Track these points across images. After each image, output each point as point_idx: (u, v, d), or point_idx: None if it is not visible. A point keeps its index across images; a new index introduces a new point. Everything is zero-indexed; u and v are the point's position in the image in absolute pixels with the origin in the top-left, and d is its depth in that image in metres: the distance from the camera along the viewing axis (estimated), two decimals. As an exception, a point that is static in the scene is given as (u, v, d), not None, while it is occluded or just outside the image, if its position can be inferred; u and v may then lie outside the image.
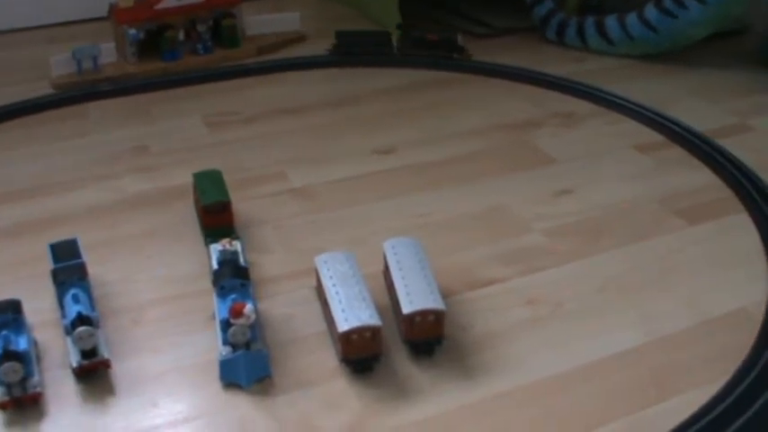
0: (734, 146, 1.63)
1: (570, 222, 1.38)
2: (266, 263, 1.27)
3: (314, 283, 1.18)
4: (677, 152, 1.63)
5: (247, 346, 1.04)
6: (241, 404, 1.01)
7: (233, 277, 1.12)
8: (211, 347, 1.08)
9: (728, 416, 1.00)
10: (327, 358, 1.08)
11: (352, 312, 1.03)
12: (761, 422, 0.99)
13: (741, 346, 1.11)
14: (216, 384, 1.04)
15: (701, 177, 1.54)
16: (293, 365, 1.07)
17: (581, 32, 2.13)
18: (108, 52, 1.98)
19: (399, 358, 1.08)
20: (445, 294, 1.15)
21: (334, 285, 1.08)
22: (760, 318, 1.17)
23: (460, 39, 2.03)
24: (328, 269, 1.11)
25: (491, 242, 1.32)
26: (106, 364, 1.05)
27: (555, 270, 1.26)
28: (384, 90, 1.91)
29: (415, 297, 1.06)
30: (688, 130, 1.70)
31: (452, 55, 2.01)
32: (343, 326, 1.01)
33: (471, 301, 1.18)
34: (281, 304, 1.18)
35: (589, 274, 1.25)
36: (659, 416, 1.00)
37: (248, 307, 1.02)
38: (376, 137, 1.67)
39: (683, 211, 1.42)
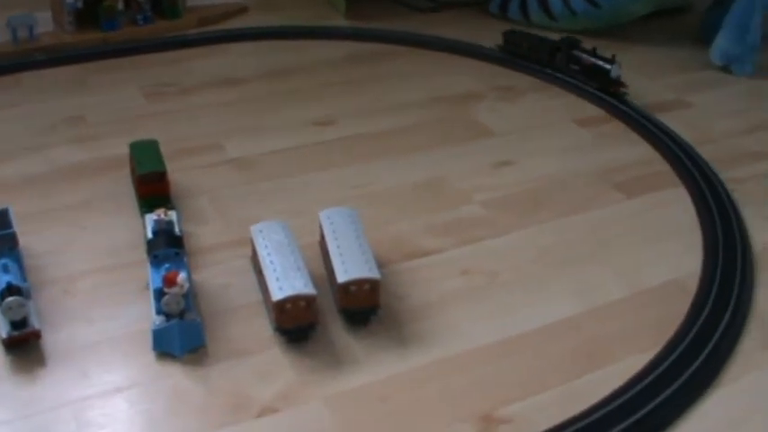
0: (673, 121, 1.65)
1: (508, 194, 1.38)
2: (202, 233, 1.26)
3: (250, 252, 1.17)
4: (616, 126, 1.64)
5: (181, 315, 1.03)
6: (174, 374, 1.00)
7: (167, 246, 1.11)
8: (145, 317, 1.06)
9: (660, 384, 1.00)
10: (262, 328, 1.07)
11: (287, 281, 1.02)
12: (691, 390, 1.00)
13: (675, 316, 1.12)
14: (149, 354, 1.03)
15: (640, 151, 1.55)
16: (228, 335, 1.06)
17: (523, 7, 2.13)
18: (44, 21, 1.94)
19: (335, 328, 1.07)
20: (382, 264, 1.15)
21: (269, 254, 1.07)
22: (693, 289, 1.18)
23: (617, 69, 1.72)
24: (263, 238, 1.10)
25: (429, 213, 1.32)
26: (36, 335, 1.03)
27: (492, 241, 1.26)
28: (324, 62, 1.90)
29: (350, 266, 1.05)
30: (627, 104, 1.71)
31: (608, 89, 1.73)
32: (277, 295, 1.01)
33: (407, 271, 1.18)
34: (216, 274, 1.17)
35: (526, 245, 1.25)
36: (593, 384, 1.00)
37: (182, 276, 1.01)
38: (315, 108, 1.66)
39: (620, 185, 1.43)
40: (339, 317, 1.09)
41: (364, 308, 1.06)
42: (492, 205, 1.35)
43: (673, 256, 1.25)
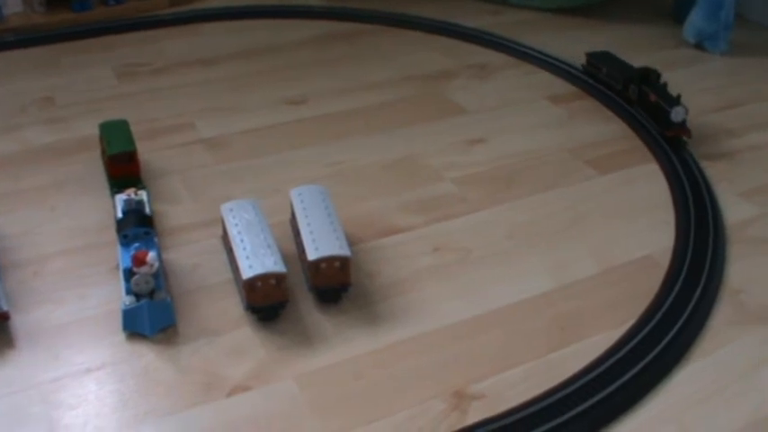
0: (645, 97, 1.64)
1: (481, 171, 1.38)
2: (174, 213, 1.25)
3: (221, 232, 1.17)
4: (590, 103, 1.64)
5: (151, 295, 1.02)
6: (145, 353, 0.99)
7: (137, 226, 1.10)
8: (115, 298, 1.06)
9: (632, 359, 1.01)
10: (233, 307, 1.06)
11: (257, 260, 1.01)
12: (662, 365, 1.01)
13: (647, 292, 1.12)
14: (119, 334, 1.02)
15: (613, 128, 1.55)
16: (198, 314, 1.05)
17: (499, -15, 2.12)
18: (14, 2, 1.92)
19: (305, 306, 1.07)
20: (353, 242, 1.15)
21: (239, 233, 1.06)
22: (666, 265, 1.18)
23: (681, 112, 1.49)
24: (234, 217, 1.10)
25: (401, 191, 1.32)
26: (5, 317, 1.02)
27: (464, 218, 1.26)
28: (297, 41, 1.90)
29: (320, 244, 1.05)
30: (602, 81, 1.71)
31: (665, 134, 1.50)
32: (247, 273, 1.00)
33: (379, 249, 1.18)
34: (187, 254, 1.16)
35: (498, 222, 1.25)
36: (565, 359, 1.00)
37: (151, 255, 1.00)
38: (288, 87, 1.65)
39: (593, 161, 1.43)
40: (310, 295, 1.08)
41: (335, 286, 1.06)
42: (464, 182, 1.34)
43: (645, 233, 1.25)
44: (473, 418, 0.91)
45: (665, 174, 1.41)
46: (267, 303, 1.02)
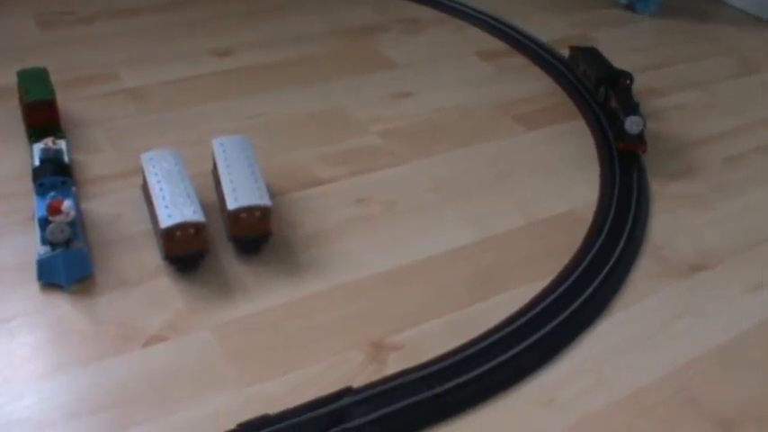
0: (576, 56, 1.65)
1: (408, 125, 1.37)
2: (95, 163, 1.23)
3: (141, 182, 1.14)
4: (519, 60, 1.64)
5: (67, 244, 1.00)
6: (60, 304, 0.97)
7: (53, 175, 1.07)
8: (31, 248, 1.03)
9: (552, 311, 1.01)
10: (152, 257, 1.05)
11: (176, 209, 1.00)
12: (582, 317, 1.01)
13: (570, 246, 1.13)
14: (34, 285, 1.00)
15: (542, 85, 1.55)
16: (117, 264, 1.03)
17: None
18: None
19: (226, 257, 1.05)
20: (276, 193, 1.14)
21: (158, 182, 1.04)
22: (589, 219, 1.19)
23: (636, 123, 1.32)
24: (153, 166, 1.08)
25: (326, 143, 1.31)
26: None
27: (389, 170, 1.25)
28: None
29: (240, 194, 1.03)
30: (531, 39, 1.71)
31: (617, 144, 1.36)
32: (165, 222, 0.98)
33: (302, 200, 1.17)
34: (107, 204, 1.14)
35: (423, 175, 1.25)
36: (485, 311, 1.01)
37: (66, 203, 0.98)
38: (213, 39, 1.63)
39: (521, 117, 1.42)
40: (231, 246, 1.07)
41: (255, 236, 1.05)
42: (390, 136, 1.33)
43: (570, 188, 1.25)
44: (391, 369, 0.91)
45: (592, 131, 1.41)
46: (186, 253, 1.01)
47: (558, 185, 1.26)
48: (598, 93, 1.50)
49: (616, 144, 1.35)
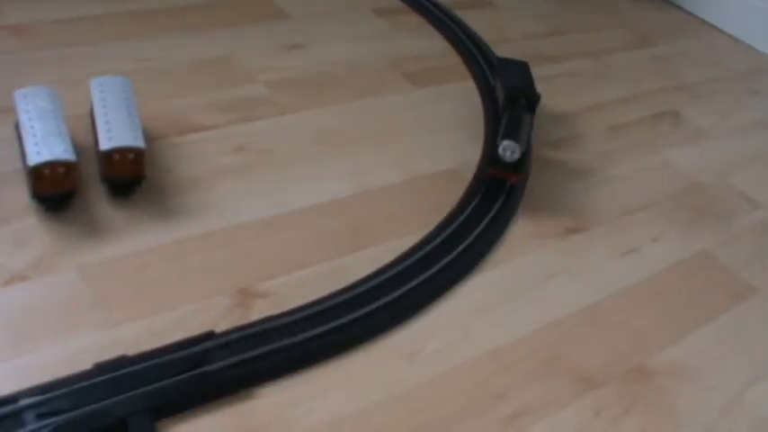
0: (473, 19, 1.66)
1: (296, 76, 1.36)
2: (-32, 99, 1.19)
3: (16, 120, 1.12)
4: (414, 19, 1.64)
5: (-69, 178, 0.98)
6: None
7: None
8: None
9: (423, 264, 1.02)
10: (21, 196, 1.02)
11: (46, 147, 0.97)
12: (453, 272, 1.02)
13: (447, 203, 1.14)
14: None
15: (435, 45, 1.56)
16: (-17, 203, 1.01)
17: None
18: None
19: (97, 198, 1.04)
20: (153, 138, 1.12)
21: (30, 119, 1.02)
22: (469, 178, 1.20)
23: (509, 148, 1.13)
24: (27, 104, 1.05)
25: (211, 90, 1.29)
26: None
27: (271, 120, 1.24)
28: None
29: (115, 134, 1.01)
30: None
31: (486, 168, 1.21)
32: (34, 159, 0.96)
33: (179, 146, 1.15)
34: (-21, 141, 1.11)
35: (306, 127, 1.24)
36: (356, 263, 1.01)
37: (-70, 136, 0.95)
38: (104, -21, 1.59)
39: (410, 74, 1.43)
40: (103, 188, 1.05)
41: (128, 178, 1.03)
42: (277, 86, 1.32)
43: (452, 147, 1.26)
44: (256, 315, 0.91)
45: (480, 92, 1.42)
46: (55, 192, 0.99)
47: (441, 143, 1.26)
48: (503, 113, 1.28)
49: (486, 168, 1.21)
